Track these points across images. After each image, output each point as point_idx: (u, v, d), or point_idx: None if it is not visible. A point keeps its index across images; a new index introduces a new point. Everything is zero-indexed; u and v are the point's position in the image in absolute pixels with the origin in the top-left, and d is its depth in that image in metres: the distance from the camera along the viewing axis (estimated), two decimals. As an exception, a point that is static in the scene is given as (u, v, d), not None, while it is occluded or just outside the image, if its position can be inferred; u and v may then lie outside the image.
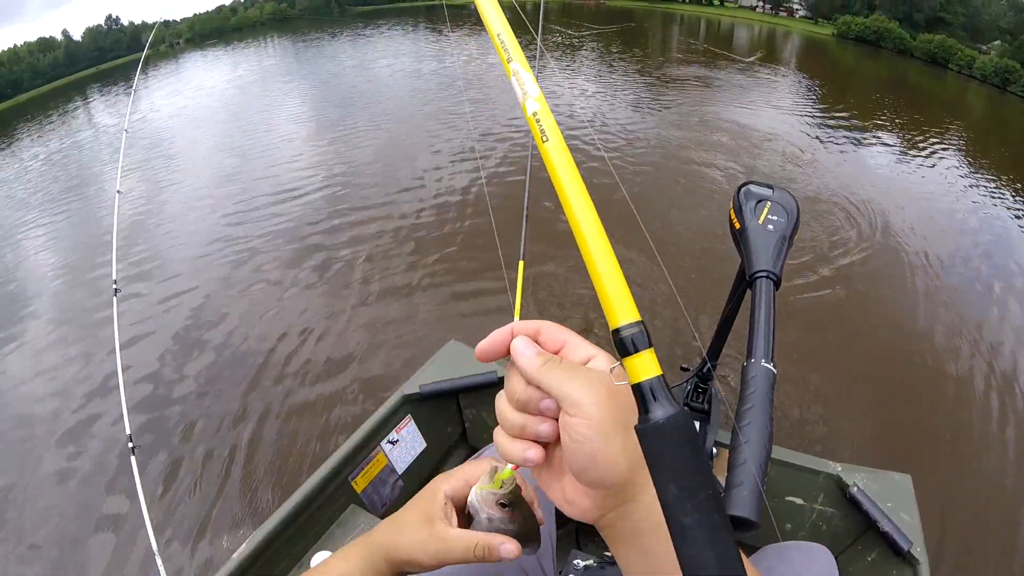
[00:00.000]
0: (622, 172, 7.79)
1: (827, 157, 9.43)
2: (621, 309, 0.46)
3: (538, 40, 3.66)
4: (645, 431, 0.44)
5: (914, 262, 6.13)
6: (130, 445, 2.28)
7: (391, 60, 18.87)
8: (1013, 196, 8.86)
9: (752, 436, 0.76)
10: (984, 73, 42.18)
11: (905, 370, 4.50)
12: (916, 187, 8.68)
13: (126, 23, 60.78)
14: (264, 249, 6.15)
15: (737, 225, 1.12)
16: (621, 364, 0.47)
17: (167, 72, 24.46)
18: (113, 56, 51.99)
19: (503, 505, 0.68)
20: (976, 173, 9.86)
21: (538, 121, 0.56)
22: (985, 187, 9.17)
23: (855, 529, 1.73)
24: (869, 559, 1.66)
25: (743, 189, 1.17)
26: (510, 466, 0.68)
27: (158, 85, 20.10)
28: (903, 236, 6.62)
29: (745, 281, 1.05)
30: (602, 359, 0.58)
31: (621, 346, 0.46)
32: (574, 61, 17.08)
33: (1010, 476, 3.56)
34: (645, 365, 0.45)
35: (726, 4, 60.03)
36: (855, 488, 1.66)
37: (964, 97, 22.13)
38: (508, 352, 0.59)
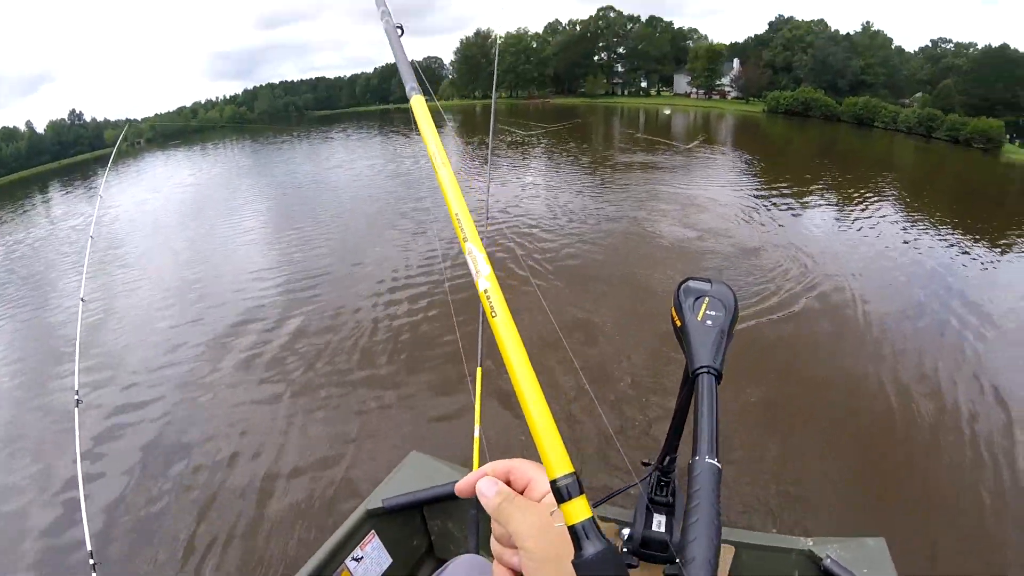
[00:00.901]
0: (584, 261, 8.16)
1: (770, 220, 9.96)
2: (557, 463, 0.53)
3: (489, 144, 3.90)
4: (579, 565, 0.50)
5: (863, 315, 6.40)
6: (91, 562, 2.21)
7: (348, 164, 19.47)
8: (951, 231, 9.52)
9: (700, 533, 0.79)
10: (908, 125, 44.51)
11: (862, 427, 4.56)
12: (857, 239, 9.22)
13: (89, 119, 61.54)
14: (221, 359, 6.10)
15: (678, 323, 1.14)
16: (559, 509, 0.53)
17: (129, 172, 24.45)
18: (75, 151, 52.17)
19: None
20: (912, 217, 10.55)
21: (489, 298, 0.62)
22: (922, 228, 9.77)
23: None
24: None
25: (682, 286, 1.19)
26: None
27: (120, 186, 20.10)
28: (849, 289, 6.95)
29: (689, 377, 1.07)
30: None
31: (558, 494, 0.52)
32: (524, 158, 18.04)
33: (988, 522, 3.59)
34: (577, 510, 0.51)
35: (662, 93, 63.42)
36: (828, 560, 1.63)
37: (892, 150, 23.35)
38: None
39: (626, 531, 1.58)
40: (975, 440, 4.42)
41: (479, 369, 2.46)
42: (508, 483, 0.65)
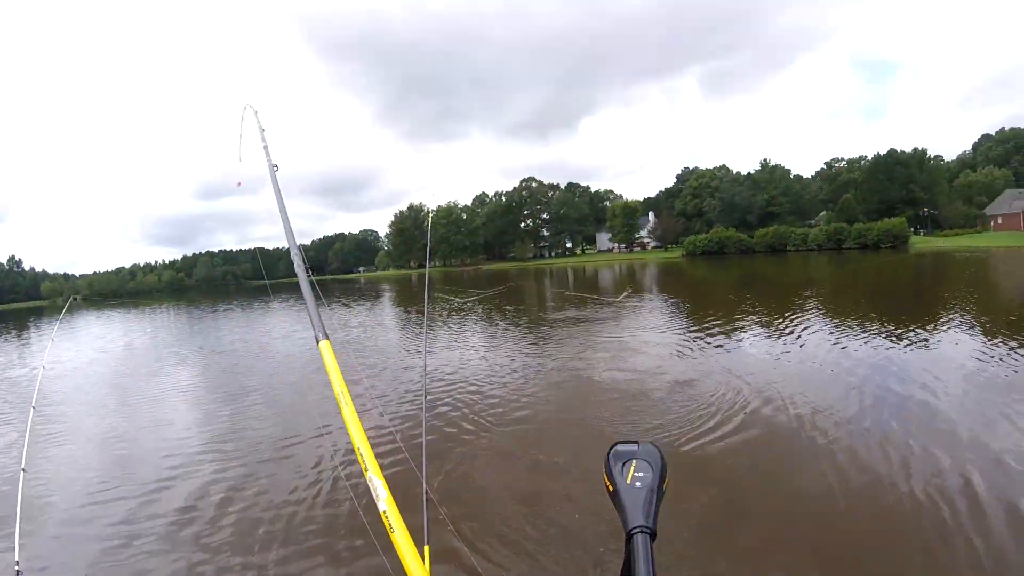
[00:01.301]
0: (531, 411, 7.96)
1: (701, 354, 10.06)
2: None
3: (425, 314, 4.00)
4: None
5: (795, 418, 6.46)
6: None
7: (283, 335, 19.50)
8: (879, 333, 9.68)
9: None
10: (819, 242, 47.92)
11: (820, 538, 4.41)
12: (785, 355, 9.39)
13: (28, 267, 59.68)
14: (158, 544, 5.57)
15: (610, 488, 1.17)
16: None
17: (65, 333, 24.20)
18: (10, 299, 50.15)
19: None
20: (837, 323, 10.82)
21: (387, 517, 0.76)
22: (848, 331, 10.01)
23: None
24: None
25: (611, 452, 1.23)
26: None
27: (54, 349, 19.44)
28: (789, 410, 6.91)
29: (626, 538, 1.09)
30: None
31: None
32: (462, 324, 18.04)
33: None
34: None
35: (587, 251, 66.78)
36: None
37: (807, 268, 24.63)
38: None
39: None
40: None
41: (426, 547, 2.31)
42: None
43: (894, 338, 9.56)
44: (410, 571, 0.70)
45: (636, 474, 1.16)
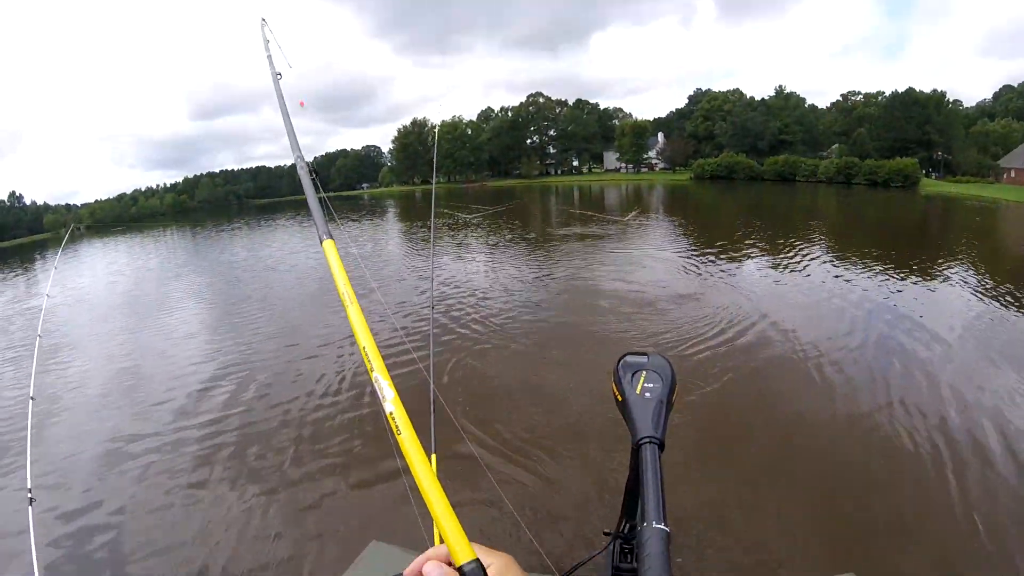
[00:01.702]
0: (537, 320, 8.23)
1: (707, 272, 10.11)
2: (461, 552, 0.62)
3: (432, 218, 3.89)
4: None
5: (808, 355, 6.35)
6: None
7: (287, 251, 19.27)
8: (883, 271, 9.65)
9: None
10: (828, 175, 46.90)
11: (819, 466, 4.44)
12: (793, 288, 9.28)
13: (29, 202, 59.80)
14: (167, 456, 5.83)
15: (619, 398, 1.17)
16: None
17: (70, 262, 23.93)
18: (12, 235, 50.32)
19: None
20: (842, 256, 10.78)
21: (394, 419, 0.72)
22: (853, 265, 9.98)
23: None
24: None
25: (621, 362, 1.23)
26: None
27: (61, 277, 19.38)
28: (791, 333, 6.92)
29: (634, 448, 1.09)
30: (497, 566, 0.68)
31: None
32: (469, 239, 17.98)
33: (955, 548, 3.52)
34: None
35: (594, 170, 65.72)
36: None
37: (815, 199, 24.32)
38: None
39: None
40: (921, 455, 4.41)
41: (433, 456, 2.38)
42: (449, 563, 0.67)
43: (898, 277, 9.52)
44: (417, 474, 0.69)
45: (646, 385, 1.16)
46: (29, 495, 2.78)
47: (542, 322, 8.49)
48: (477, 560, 0.61)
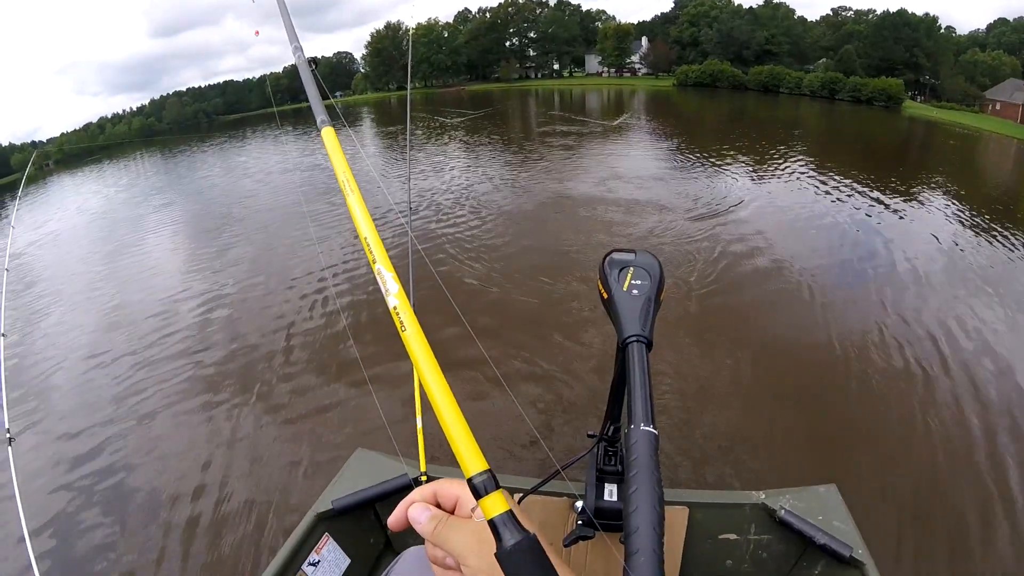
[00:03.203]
0: (521, 220, 8.23)
1: (689, 186, 9.90)
2: (472, 462, 0.55)
3: (407, 136, 3.82)
4: (500, 556, 0.52)
5: (791, 267, 6.36)
6: None
7: (262, 166, 18.75)
8: (861, 185, 9.61)
9: (640, 502, 0.76)
10: (812, 88, 46.71)
11: (802, 377, 4.46)
12: (776, 197, 9.27)
13: None
14: (149, 383, 5.66)
15: (605, 295, 1.14)
16: (478, 505, 0.55)
17: (39, 197, 23.26)
18: None
19: None
20: (824, 174, 10.64)
21: (398, 313, 0.66)
22: (836, 184, 9.87)
23: (794, 549, 1.73)
24: (816, 573, 1.67)
25: (607, 259, 1.19)
26: None
27: (30, 212, 18.96)
28: (776, 246, 6.90)
29: (620, 348, 1.06)
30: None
31: (475, 491, 0.54)
32: (447, 145, 17.47)
33: (938, 456, 3.55)
34: (495, 504, 0.54)
35: (575, 74, 64.20)
36: (782, 511, 1.67)
37: (799, 112, 24.20)
38: None
39: (579, 504, 1.62)
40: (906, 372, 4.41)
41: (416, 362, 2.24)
42: (437, 505, 0.68)
43: (878, 194, 9.41)
44: (423, 374, 0.62)
45: (633, 282, 1.13)
46: (8, 434, 2.74)
47: (525, 216, 8.67)
48: (489, 471, 0.55)
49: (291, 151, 21.44)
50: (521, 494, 1.68)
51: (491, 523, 0.53)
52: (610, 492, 1.60)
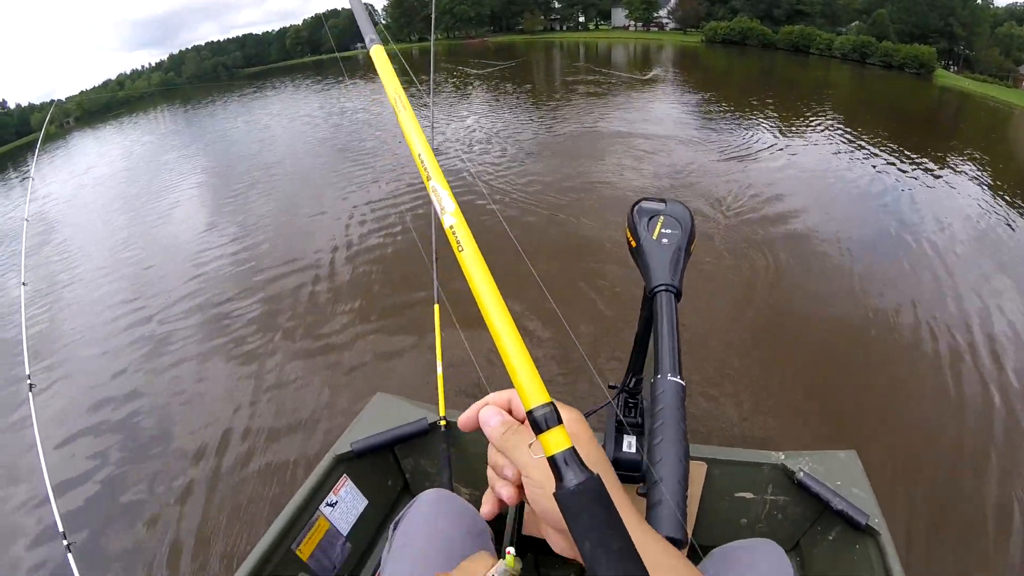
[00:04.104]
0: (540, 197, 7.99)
1: (718, 144, 9.75)
2: (533, 393, 0.52)
3: (431, 81, 3.73)
4: (560, 496, 0.49)
5: (819, 231, 6.20)
6: (65, 543, 2.15)
7: (285, 118, 18.48)
8: (892, 150, 9.42)
9: (665, 454, 0.77)
10: (843, 51, 45.28)
11: (828, 342, 4.37)
12: (805, 152, 9.18)
13: (13, 106, 57.92)
14: (177, 327, 5.64)
15: (633, 243, 1.13)
16: (538, 440, 0.51)
17: (60, 154, 22.78)
18: (2, 142, 49.16)
19: None
20: (854, 136, 10.46)
21: (455, 233, 0.62)
22: (866, 146, 9.70)
23: (810, 513, 1.72)
24: (830, 539, 1.66)
25: (636, 207, 1.17)
26: (511, 552, 0.74)
27: (52, 168, 18.65)
28: (803, 210, 6.74)
29: (648, 297, 1.06)
30: (567, 418, 0.62)
31: (535, 425, 0.51)
32: (467, 97, 17.26)
33: (957, 428, 3.48)
34: (557, 440, 0.50)
35: (600, 27, 62.63)
36: (801, 473, 1.66)
37: (828, 74, 23.56)
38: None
39: None
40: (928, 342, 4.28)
41: (436, 306, 2.44)
42: (509, 412, 0.65)
43: (909, 164, 9.09)
44: (480, 297, 0.60)
45: (663, 231, 1.11)
46: (29, 381, 2.76)
47: (555, 158, 8.68)
48: (552, 404, 0.52)
49: (313, 103, 21.19)
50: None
51: (551, 460, 0.50)
52: (629, 444, 1.60)
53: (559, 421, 0.51)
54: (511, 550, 0.74)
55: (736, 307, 4.78)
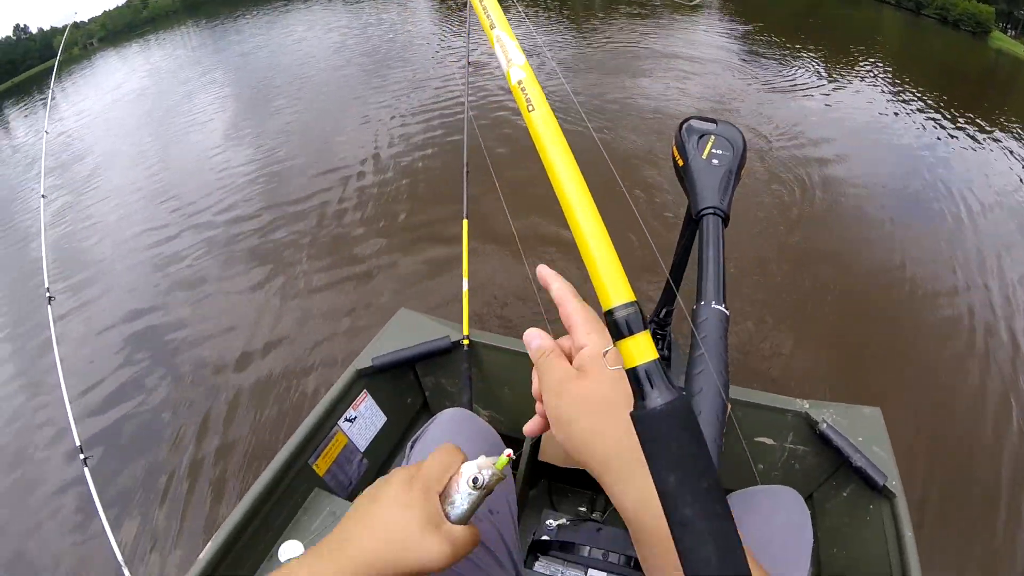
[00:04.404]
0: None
1: (761, 85, 9.44)
2: (615, 289, 0.44)
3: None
4: (641, 418, 0.42)
5: (862, 185, 6.00)
6: (81, 456, 2.21)
7: (316, 32, 17.83)
8: (943, 117, 8.93)
9: (705, 385, 0.72)
10: (899, -1, 43.67)
11: (863, 299, 4.30)
12: (851, 102, 8.85)
13: (35, 31, 57.31)
14: (198, 247, 5.68)
15: (680, 162, 1.08)
16: (615, 347, 0.45)
17: (83, 75, 22.60)
18: (26, 67, 48.72)
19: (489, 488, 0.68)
20: (902, 90, 10.05)
21: (523, 90, 0.55)
22: (911, 101, 9.37)
23: (828, 466, 1.71)
24: (844, 495, 1.65)
25: (685, 125, 1.11)
26: (506, 453, 0.69)
27: (75, 89, 18.64)
28: (846, 160, 6.49)
29: (693, 219, 1.00)
30: (592, 343, 0.61)
31: (615, 328, 0.44)
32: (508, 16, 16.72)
33: (987, 400, 3.43)
34: (641, 348, 0.43)
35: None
36: (824, 425, 1.62)
37: (879, 21, 22.65)
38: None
39: None
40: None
41: (465, 221, 2.36)
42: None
43: (957, 127, 8.57)
44: (550, 161, 0.50)
45: (714, 151, 1.05)
46: (48, 293, 2.82)
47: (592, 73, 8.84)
48: (636, 304, 0.44)
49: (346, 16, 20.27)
50: None
51: (631, 373, 0.43)
52: None
53: (644, 326, 0.44)
54: (509, 452, 0.69)
55: (772, 233, 4.93)
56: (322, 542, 0.67)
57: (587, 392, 0.57)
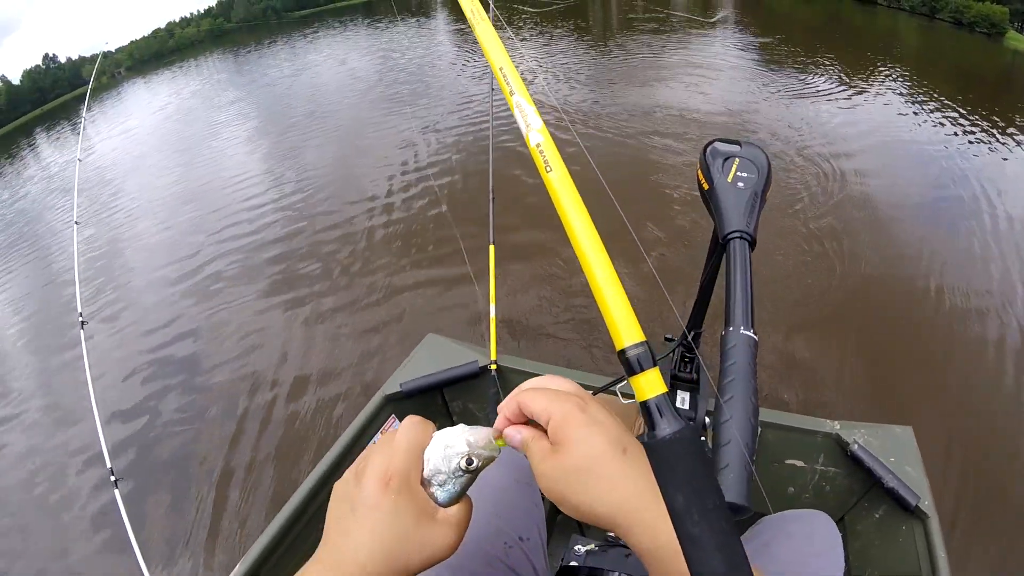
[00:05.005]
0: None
1: (778, 97, 9.46)
2: (626, 331, 0.50)
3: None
4: (653, 446, 0.47)
5: (881, 195, 5.95)
6: (112, 478, 2.22)
7: (335, 62, 18.32)
8: (962, 118, 8.91)
9: (735, 412, 0.73)
10: (912, 5, 43.21)
11: (892, 316, 4.22)
12: (871, 118, 8.73)
13: (64, 60, 58.79)
14: (227, 273, 5.83)
15: (706, 186, 1.07)
16: (628, 382, 0.50)
17: (111, 104, 23.17)
18: (55, 95, 49.93)
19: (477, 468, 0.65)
20: (921, 94, 10.05)
21: (541, 152, 0.59)
22: (931, 105, 9.35)
23: (859, 487, 1.68)
24: (876, 516, 1.61)
25: (709, 148, 1.11)
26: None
27: (104, 118, 18.95)
28: (868, 173, 6.44)
29: (719, 243, 1.00)
30: (554, 411, 0.60)
31: (627, 366, 0.49)
32: (532, 37, 16.71)
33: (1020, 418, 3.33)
34: (651, 383, 0.49)
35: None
36: (855, 445, 1.61)
37: (896, 27, 22.75)
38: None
39: None
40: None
41: (491, 247, 2.37)
42: (527, 421, 0.64)
43: (978, 130, 8.40)
44: (569, 221, 0.56)
45: (739, 174, 1.05)
46: (80, 318, 2.88)
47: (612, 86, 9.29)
48: (647, 344, 0.50)
49: (366, 46, 20.78)
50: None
51: (644, 406, 0.48)
52: (682, 400, 1.60)
53: (654, 363, 0.50)
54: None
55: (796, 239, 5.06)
56: (309, 566, 0.65)
57: (565, 464, 0.57)
